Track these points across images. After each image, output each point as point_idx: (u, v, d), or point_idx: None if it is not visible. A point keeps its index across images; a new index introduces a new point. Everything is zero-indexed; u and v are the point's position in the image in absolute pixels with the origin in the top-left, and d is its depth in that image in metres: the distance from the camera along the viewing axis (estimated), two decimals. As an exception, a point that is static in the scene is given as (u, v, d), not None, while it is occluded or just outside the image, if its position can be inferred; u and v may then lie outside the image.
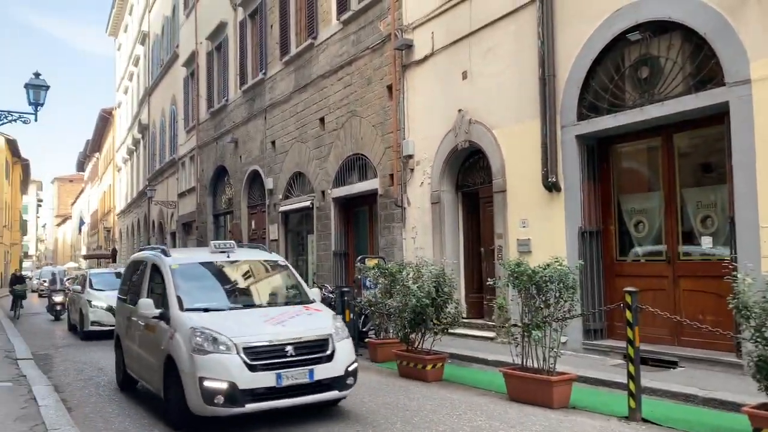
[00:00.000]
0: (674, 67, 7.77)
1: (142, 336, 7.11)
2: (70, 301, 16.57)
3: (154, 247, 8.56)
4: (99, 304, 14.15)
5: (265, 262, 7.70)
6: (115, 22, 44.82)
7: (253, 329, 5.99)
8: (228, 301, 6.93)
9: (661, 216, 8.30)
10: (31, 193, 72.96)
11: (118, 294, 8.76)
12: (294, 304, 6.95)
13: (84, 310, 14.32)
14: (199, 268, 7.24)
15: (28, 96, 11.58)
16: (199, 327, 5.89)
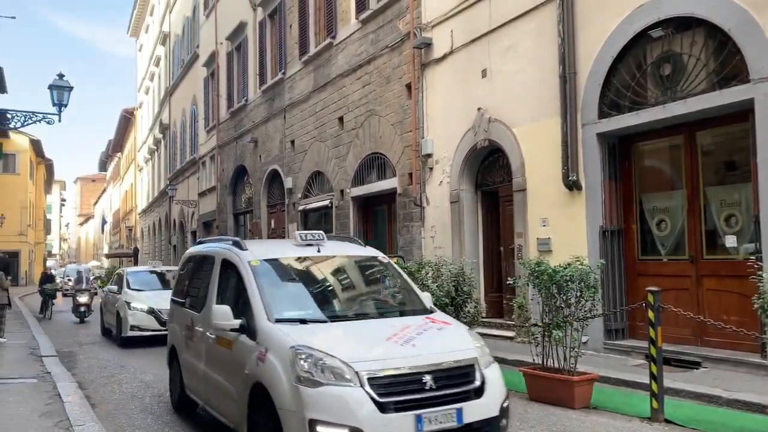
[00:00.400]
0: (697, 64, 7.67)
1: (212, 352, 5.63)
2: (104, 303, 15.00)
3: (222, 238, 6.98)
4: (139, 306, 12.69)
5: (362, 257, 6.10)
6: (137, 23, 45.32)
7: (376, 350, 4.48)
8: (329, 310, 5.37)
9: (683, 215, 8.20)
10: (55, 193, 74.04)
11: (173, 297, 7.39)
12: (412, 314, 5.32)
13: (122, 313, 12.77)
14: (285, 265, 5.71)
15: (52, 97, 11.71)
16: (304, 347, 4.37)
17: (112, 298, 13.92)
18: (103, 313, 14.87)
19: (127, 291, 13.42)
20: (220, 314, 5.08)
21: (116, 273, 16.57)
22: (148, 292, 13.33)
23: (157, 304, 12.35)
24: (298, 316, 4.92)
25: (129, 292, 13.32)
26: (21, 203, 43.04)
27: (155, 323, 12.30)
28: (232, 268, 5.59)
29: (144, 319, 12.50)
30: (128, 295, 13.17)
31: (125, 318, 12.57)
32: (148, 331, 12.33)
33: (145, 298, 12.99)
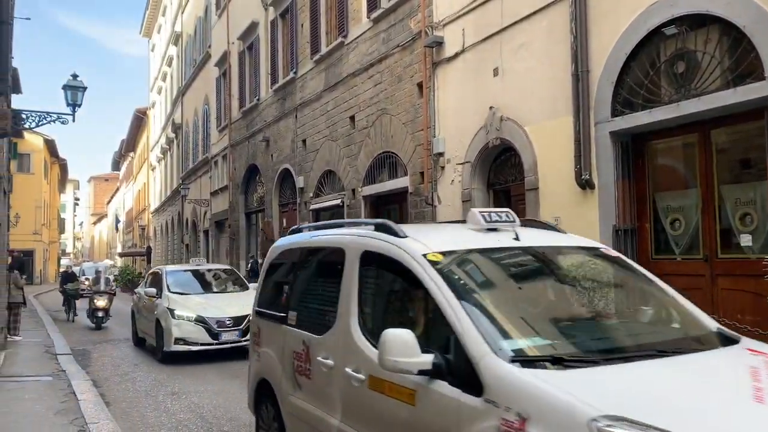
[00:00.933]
0: (712, 62, 7.59)
1: (363, 402, 3.56)
2: (137, 308, 12.79)
3: (357, 221, 5.36)
4: (185, 314, 10.67)
5: (582, 250, 4.36)
6: (149, 24, 45.61)
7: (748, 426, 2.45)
8: (580, 340, 3.23)
9: (698, 214, 8.13)
10: (69, 192, 74.76)
11: (258, 307, 5.34)
12: (705, 346, 3.35)
13: (164, 323, 10.70)
14: (479, 263, 3.70)
15: (66, 97, 11.80)
16: (623, 420, 2.34)
17: (149, 303, 11.74)
18: (136, 319, 12.77)
19: (169, 295, 11.29)
20: (398, 344, 2.98)
21: (151, 272, 13.53)
22: (194, 297, 11.42)
23: (207, 312, 10.74)
24: (548, 353, 2.92)
25: (171, 297, 11.21)
26: (35, 202, 43.48)
27: (206, 336, 10.55)
28: (388, 266, 3.73)
29: (192, 331, 10.49)
30: (171, 300, 11.09)
31: (168, 329, 10.52)
32: (197, 345, 10.44)
33: (192, 304, 11.01)
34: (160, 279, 11.95)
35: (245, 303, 10.11)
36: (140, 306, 12.50)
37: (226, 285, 12.85)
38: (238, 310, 10.82)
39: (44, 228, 47.80)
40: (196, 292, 11.92)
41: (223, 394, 7.79)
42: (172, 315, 10.66)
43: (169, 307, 10.85)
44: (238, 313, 10.77)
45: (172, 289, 11.56)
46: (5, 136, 9.81)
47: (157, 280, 12.15)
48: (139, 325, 12.60)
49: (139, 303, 12.65)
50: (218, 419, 6.49)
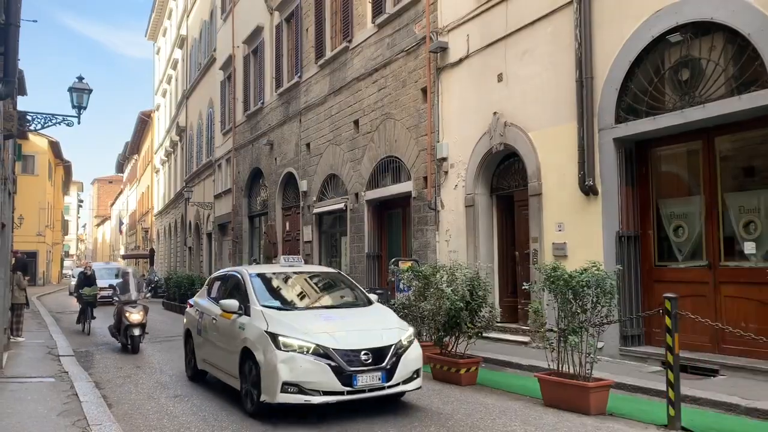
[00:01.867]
0: (716, 69, 7.61)
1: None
2: (199, 329, 8.54)
3: None
4: (297, 342, 6.45)
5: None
6: (155, 27, 45.78)
7: None
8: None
9: (701, 221, 8.13)
10: (72, 194, 74.93)
11: None
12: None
13: (262, 355, 6.52)
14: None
15: (71, 99, 11.82)
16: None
17: (224, 323, 7.63)
18: (196, 344, 8.69)
19: (264, 311, 7.02)
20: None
21: (217, 277, 9.24)
22: (301, 315, 7.19)
23: (332, 341, 6.42)
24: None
25: (269, 314, 6.95)
26: (39, 204, 43.59)
27: (333, 379, 6.23)
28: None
29: (311, 371, 6.27)
30: (269, 319, 6.81)
31: (270, 366, 6.36)
32: (319, 395, 6.26)
33: (303, 327, 6.66)
34: (242, 287, 7.73)
35: (381, 326, 6.86)
36: (204, 325, 8.33)
37: (341, 296, 8.19)
38: (376, 336, 6.62)
39: (48, 229, 47.90)
40: (302, 307, 7.70)
41: (226, 393, 7.80)
42: (275, 343, 6.40)
43: (270, 330, 6.56)
44: (377, 342, 6.52)
45: (265, 302, 7.31)
46: (11, 137, 9.85)
47: (236, 287, 7.98)
48: (202, 352, 8.43)
49: (201, 320, 8.51)
50: (220, 422, 6.50)
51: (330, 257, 17.22)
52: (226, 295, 8.00)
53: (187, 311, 9.36)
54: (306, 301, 8.00)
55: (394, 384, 6.38)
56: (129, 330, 11.73)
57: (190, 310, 9.18)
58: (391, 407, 6.78)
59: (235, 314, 7.27)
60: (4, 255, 9.92)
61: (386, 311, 7.55)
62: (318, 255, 17.27)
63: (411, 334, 6.85)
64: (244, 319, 7.08)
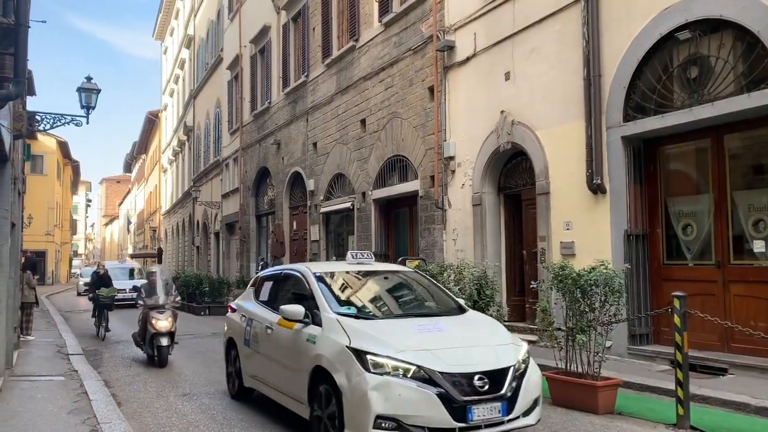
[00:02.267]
0: (725, 67, 7.57)
1: None
2: (248, 338, 7.05)
3: None
4: (392, 362, 4.86)
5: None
6: (162, 27, 45.93)
7: None
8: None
9: (710, 219, 8.10)
10: (81, 194, 75.33)
11: None
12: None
13: (345, 379, 4.94)
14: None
15: (80, 99, 11.88)
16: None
17: (283, 333, 6.14)
18: (243, 356, 7.21)
19: (341, 321, 5.49)
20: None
21: (268, 276, 7.66)
22: (387, 325, 5.60)
23: (436, 361, 4.90)
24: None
25: (349, 325, 5.40)
26: (48, 204, 43.84)
27: (442, 410, 4.74)
28: None
29: (413, 401, 4.76)
30: (351, 331, 5.27)
31: (359, 393, 4.85)
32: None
33: (395, 342, 5.09)
34: (306, 289, 6.25)
35: (492, 341, 5.39)
36: (254, 334, 6.87)
37: (427, 301, 6.50)
38: (489, 355, 5.12)
39: (56, 229, 48.18)
40: (386, 315, 6.03)
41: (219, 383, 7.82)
42: (362, 363, 4.88)
43: (354, 346, 5.02)
44: (492, 362, 5.02)
45: (339, 309, 5.76)
46: (20, 137, 9.90)
47: (296, 290, 6.54)
48: (251, 367, 6.98)
49: (249, 329, 7.04)
50: (229, 420, 6.52)
51: (338, 256, 17.23)
52: (283, 299, 6.60)
53: (229, 317, 7.92)
54: (388, 308, 6.39)
55: (514, 417, 4.92)
56: (156, 339, 10.16)
57: (233, 315, 7.78)
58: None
59: (300, 323, 5.80)
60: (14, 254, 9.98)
61: (490, 321, 6.09)
62: (325, 254, 17.29)
63: (527, 350, 5.36)
64: (313, 330, 5.59)
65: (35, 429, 5.89)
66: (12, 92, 6.21)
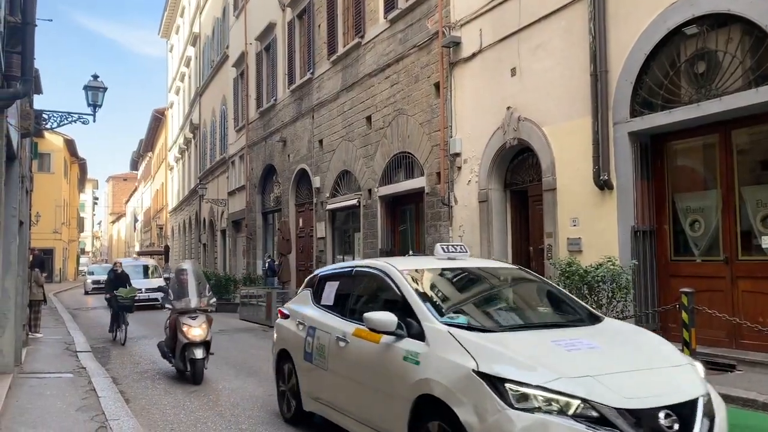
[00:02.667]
0: (733, 62, 7.53)
1: None
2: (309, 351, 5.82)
3: None
4: (544, 392, 3.52)
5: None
6: (167, 25, 46.00)
7: None
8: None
9: (718, 215, 8.06)
10: (88, 192, 75.60)
11: None
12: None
13: (478, 419, 3.59)
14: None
15: (87, 97, 11.93)
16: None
17: (364, 349, 4.91)
18: (299, 372, 6.05)
19: (456, 333, 4.17)
20: None
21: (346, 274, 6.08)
22: (525, 338, 4.29)
23: (606, 387, 3.56)
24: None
25: (466, 339, 4.08)
26: (55, 202, 44.01)
27: None
28: None
29: None
30: (473, 348, 3.94)
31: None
32: None
33: (554, 363, 3.78)
34: (393, 291, 5.01)
35: (662, 362, 4.20)
36: (319, 347, 5.63)
37: (550, 307, 5.32)
38: (667, 382, 3.88)
39: (64, 227, 48.38)
40: (510, 326, 4.67)
41: (240, 391, 7.85)
42: (499, 394, 3.61)
43: (485, 370, 3.73)
44: (674, 392, 3.75)
45: (446, 318, 4.49)
46: (27, 136, 9.95)
47: (378, 292, 5.34)
48: (314, 387, 5.77)
49: (310, 339, 5.82)
50: (237, 417, 6.54)
51: (343, 253, 17.25)
52: (358, 303, 5.51)
53: (281, 324, 6.60)
54: (506, 316, 4.92)
55: None
56: (188, 351, 8.51)
57: (286, 323, 6.47)
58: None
59: (390, 335, 4.52)
60: (22, 252, 10.04)
61: (645, 333, 4.81)
62: (331, 251, 17.31)
63: (702, 372, 4.31)
64: (412, 346, 4.32)
65: (44, 426, 5.93)
66: (19, 91, 6.24)
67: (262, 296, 17.28)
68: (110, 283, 13.81)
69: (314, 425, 6.08)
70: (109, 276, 14.47)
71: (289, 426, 6.18)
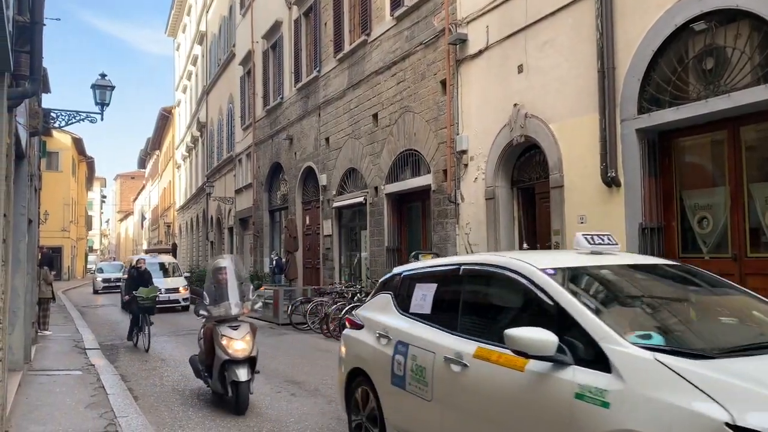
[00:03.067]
0: (742, 58, 7.47)
1: None
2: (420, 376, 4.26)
3: None
4: None
5: None
6: (174, 23, 46.11)
7: None
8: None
9: (726, 212, 8.02)
10: (96, 190, 75.91)
11: None
12: None
13: None
14: None
15: (94, 96, 11.99)
16: None
17: (497, 378, 3.61)
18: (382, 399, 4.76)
19: (669, 362, 2.88)
20: None
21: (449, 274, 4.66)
22: None
23: None
24: None
25: (692, 371, 2.79)
26: (64, 200, 44.25)
27: None
28: None
29: None
30: (706, 383, 2.69)
31: None
32: None
33: None
34: (540, 296, 3.64)
35: None
36: (418, 369, 4.36)
37: (750, 318, 3.83)
38: None
39: (72, 225, 48.63)
40: (726, 347, 3.18)
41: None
42: None
43: (745, 424, 2.47)
44: None
45: (638, 339, 3.16)
46: (36, 134, 10.00)
47: (503, 295, 4.24)
48: (410, 421, 4.49)
49: (401, 359, 4.55)
50: (245, 414, 6.57)
51: (350, 251, 17.28)
52: (478, 314, 4.22)
53: (351, 336, 5.34)
54: (719, 332, 3.60)
55: None
56: (229, 370, 6.82)
57: (360, 334, 5.19)
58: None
59: (545, 361, 3.33)
60: (31, 250, 10.10)
61: None
62: (338, 249, 17.33)
63: None
64: (593, 379, 3.12)
65: (54, 422, 5.97)
66: (28, 90, 6.26)
67: (270, 294, 17.34)
68: (131, 283, 12.43)
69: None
70: (130, 273, 13.12)
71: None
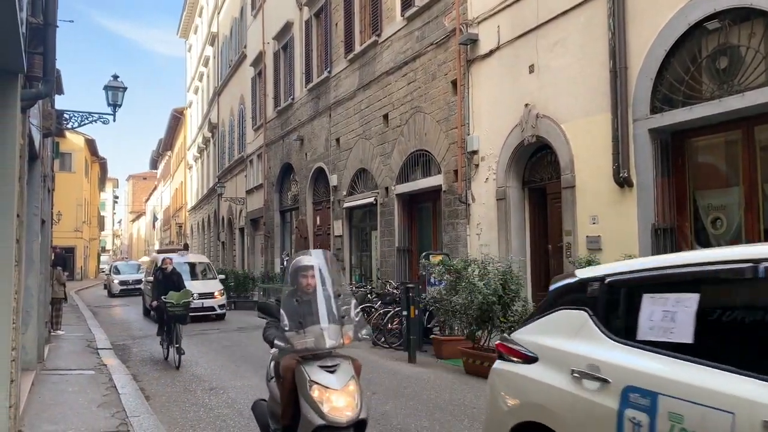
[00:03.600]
0: (756, 57, 7.40)
1: None
2: None
3: None
4: None
5: None
6: (186, 25, 46.33)
7: None
8: None
9: (740, 212, 7.93)
10: (108, 190, 76.42)
11: None
12: None
13: None
14: None
15: (107, 97, 12.07)
16: None
17: None
18: None
19: None
20: None
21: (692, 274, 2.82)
22: None
23: None
24: None
25: None
26: (76, 200, 44.56)
27: None
28: None
29: None
30: None
31: None
32: None
33: None
34: None
35: None
36: None
37: None
38: None
39: (85, 225, 48.97)
40: None
41: (259, 388, 7.89)
42: None
43: None
44: None
45: None
46: (49, 135, 10.08)
47: None
48: None
49: (651, 423, 2.68)
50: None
51: (360, 251, 17.28)
52: None
53: (512, 372, 3.94)
54: None
55: None
56: None
57: (530, 371, 3.67)
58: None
59: None
60: (44, 250, 10.17)
61: None
62: (348, 249, 17.34)
63: None
64: None
65: (66, 422, 6.01)
66: (41, 91, 6.30)
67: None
68: (158, 286, 10.71)
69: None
70: (156, 276, 11.42)
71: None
